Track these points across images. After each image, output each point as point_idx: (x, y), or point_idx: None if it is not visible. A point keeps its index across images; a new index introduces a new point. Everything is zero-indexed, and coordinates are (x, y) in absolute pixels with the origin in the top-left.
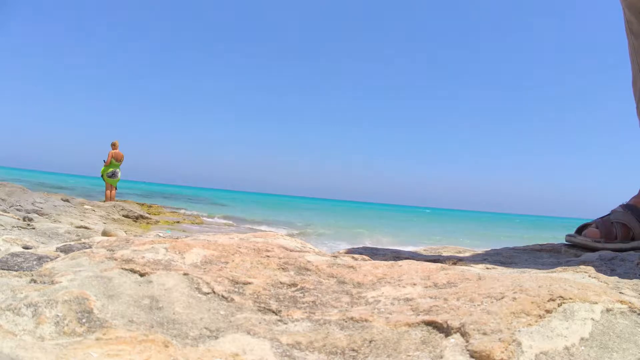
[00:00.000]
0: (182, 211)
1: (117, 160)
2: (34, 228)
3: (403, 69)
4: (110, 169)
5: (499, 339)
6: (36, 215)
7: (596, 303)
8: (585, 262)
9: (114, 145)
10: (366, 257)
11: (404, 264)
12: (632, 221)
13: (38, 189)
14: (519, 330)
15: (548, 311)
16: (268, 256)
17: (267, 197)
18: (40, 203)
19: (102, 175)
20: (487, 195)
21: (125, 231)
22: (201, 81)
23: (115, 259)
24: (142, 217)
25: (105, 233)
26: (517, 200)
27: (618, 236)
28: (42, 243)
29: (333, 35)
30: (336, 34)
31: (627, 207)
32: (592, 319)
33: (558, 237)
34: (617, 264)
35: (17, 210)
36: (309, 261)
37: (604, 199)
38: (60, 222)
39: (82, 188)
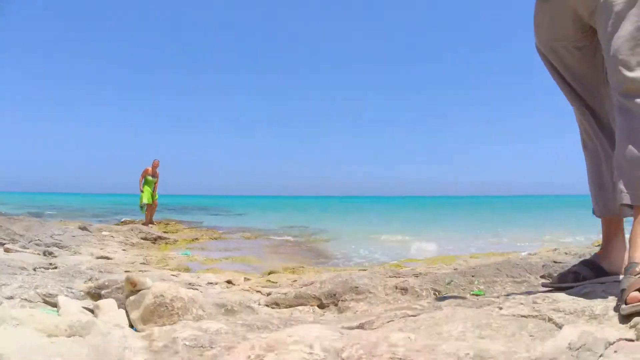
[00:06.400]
0: (200, 225)
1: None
2: (55, 267)
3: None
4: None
5: None
6: (56, 248)
7: None
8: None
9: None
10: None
11: None
12: (581, 269)
13: (53, 216)
14: None
15: None
16: None
17: (280, 199)
18: (59, 235)
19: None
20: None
21: (144, 256)
22: (198, 83)
23: None
24: (160, 238)
25: (128, 280)
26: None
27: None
28: (67, 287)
29: (340, 36)
30: (341, 35)
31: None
32: None
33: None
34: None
35: (37, 245)
36: None
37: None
38: (80, 253)
39: (94, 208)
